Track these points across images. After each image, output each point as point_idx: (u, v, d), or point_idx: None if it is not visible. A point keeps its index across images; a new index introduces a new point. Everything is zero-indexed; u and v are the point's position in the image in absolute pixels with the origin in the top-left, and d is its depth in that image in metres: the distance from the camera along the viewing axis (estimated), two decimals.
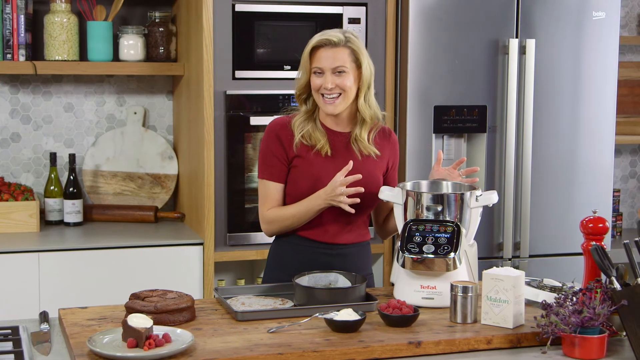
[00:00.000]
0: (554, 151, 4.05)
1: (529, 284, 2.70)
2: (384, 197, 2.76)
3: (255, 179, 3.77)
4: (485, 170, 3.98)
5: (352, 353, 2.24)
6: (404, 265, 2.62)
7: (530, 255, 4.06)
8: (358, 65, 2.79)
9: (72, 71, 3.96)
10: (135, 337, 2.18)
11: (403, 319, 2.41)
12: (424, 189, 2.83)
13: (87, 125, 4.26)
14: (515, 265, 4.03)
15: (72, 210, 4.03)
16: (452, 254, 2.57)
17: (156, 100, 4.34)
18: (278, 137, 2.85)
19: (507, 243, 4.01)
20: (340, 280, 2.68)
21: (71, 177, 4.06)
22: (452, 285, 2.47)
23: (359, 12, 3.88)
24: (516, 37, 3.95)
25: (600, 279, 2.44)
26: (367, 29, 3.89)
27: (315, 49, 2.79)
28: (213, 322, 2.45)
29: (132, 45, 4.06)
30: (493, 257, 4.01)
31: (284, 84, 3.77)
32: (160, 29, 4.13)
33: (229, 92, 3.76)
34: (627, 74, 4.83)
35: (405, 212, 2.70)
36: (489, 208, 3.79)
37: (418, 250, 2.60)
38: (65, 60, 3.95)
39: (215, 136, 3.76)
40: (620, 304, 2.27)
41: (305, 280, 2.65)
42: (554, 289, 2.67)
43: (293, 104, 2.98)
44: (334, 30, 2.81)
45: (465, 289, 2.45)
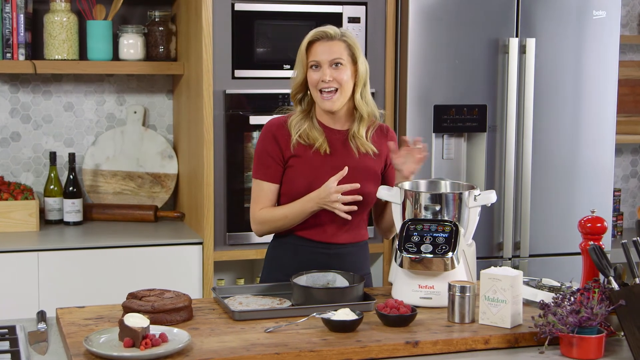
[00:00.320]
0: (554, 150, 4.05)
1: (528, 284, 2.70)
2: (382, 197, 2.75)
3: None
4: (485, 170, 3.97)
5: (349, 353, 2.23)
6: (402, 264, 2.61)
7: (531, 255, 4.05)
8: (354, 61, 2.81)
9: (72, 70, 3.96)
10: (131, 337, 2.18)
11: (400, 318, 2.40)
12: (422, 188, 2.82)
13: (87, 124, 4.26)
14: (515, 265, 4.02)
15: (72, 209, 4.03)
16: (450, 254, 2.57)
17: (156, 100, 4.34)
18: (274, 137, 2.84)
19: (507, 243, 4.01)
20: (338, 280, 2.67)
21: (71, 177, 4.05)
22: (450, 285, 2.47)
23: (359, 11, 3.87)
24: (516, 37, 3.95)
25: (598, 278, 2.43)
26: (367, 28, 3.88)
27: (311, 43, 2.80)
28: (210, 322, 2.44)
29: (132, 45, 4.06)
30: (493, 257, 4.00)
31: (283, 83, 3.77)
32: (160, 28, 4.12)
33: (229, 92, 3.76)
34: (628, 73, 4.82)
35: (404, 212, 2.70)
36: (489, 207, 3.78)
37: (416, 249, 2.59)
38: (65, 60, 3.95)
39: (214, 135, 3.76)
40: (618, 304, 2.26)
41: (303, 280, 2.64)
42: (552, 289, 2.66)
43: (291, 104, 2.98)
44: (328, 26, 2.83)
45: (463, 289, 2.45)
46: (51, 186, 4.06)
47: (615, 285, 2.32)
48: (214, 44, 3.72)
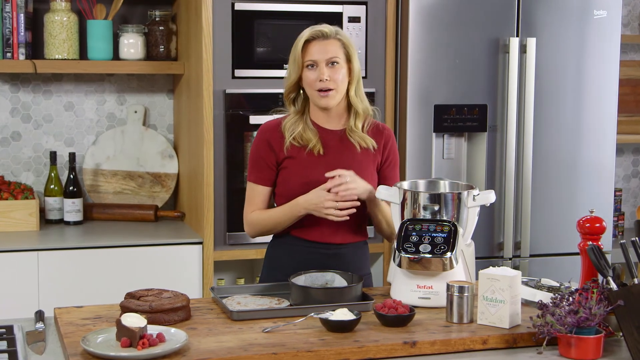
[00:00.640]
0: (555, 150, 4.04)
1: (527, 284, 2.69)
2: (381, 197, 2.75)
3: None
4: (485, 170, 3.97)
5: (347, 353, 2.23)
6: (400, 264, 2.61)
7: (531, 255, 4.04)
8: (348, 59, 2.81)
9: (72, 70, 3.96)
10: (129, 337, 2.17)
11: (398, 318, 2.40)
12: (421, 188, 2.82)
13: (88, 124, 4.26)
14: (516, 265, 4.01)
15: (72, 209, 4.03)
16: (449, 254, 2.56)
17: (156, 99, 4.34)
18: (267, 142, 2.86)
19: (508, 243, 4.00)
20: (337, 280, 2.67)
21: (71, 176, 4.05)
22: (449, 285, 2.47)
23: (359, 11, 3.86)
24: (517, 36, 3.94)
25: (597, 279, 2.42)
26: (367, 28, 3.88)
27: (307, 42, 2.81)
28: (208, 322, 2.44)
29: (132, 44, 4.06)
30: (493, 257, 4.00)
31: (283, 83, 3.76)
32: (161, 28, 4.12)
33: (229, 91, 3.75)
34: (629, 72, 4.81)
35: (403, 212, 2.69)
36: (489, 207, 3.77)
37: (415, 249, 2.59)
38: (65, 59, 3.94)
39: (214, 135, 3.75)
40: (616, 304, 2.25)
41: (301, 280, 2.64)
42: (551, 289, 2.66)
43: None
44: (323, 25, 2.84)
45: (461, 289, 2.44)
46: (51, 186, 4.06)
47: (613, 286, 2.31)
48: (214, 43, 3.72)
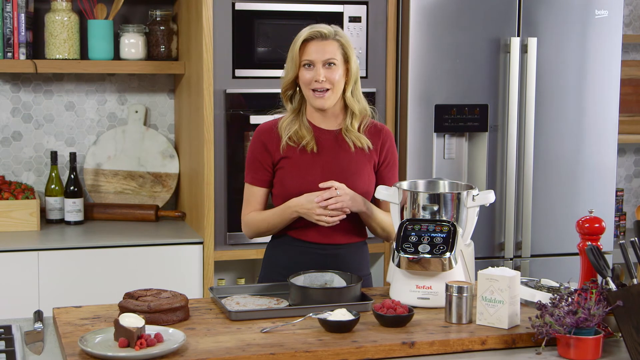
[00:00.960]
0: (556, 150, 4.03)
1: (526, 284, 2.68)
2: (380, 197, 2.74)
3: None
4: (486, 170, 3.96)
5: (345, 353, 2.23)
6: (399, 265, 2.61)
7: (532, 255, 4.03)
8: (346, 60, 2.81)
9: (73, 70, 3.96)
10: (126, 337, 2.17)
11: (397, 319, 2.39)
12: (420, 188, 2.81)
13: (88, 123, 4.26)
14: (517, 265, 4.01)
15: (73, 208, 4.03)
16: (448, 254, 2.56)
17: (157, 99, 4.34)
18: (263, 143, 2.86)
19: (509, 243, 3.99)
20: (336, 280, 2.67)
21: (72, 176, 4.05)
22: (447, 285, 2.46)
23: (360, 11, 3.86)
24: (518, 36, 3.93)
25: (596, 279, 2.42)
26: (368, 28, 3.87)
27: (305, 42, 2.80)
28: (207, 322, 2.44)
29: (133, 44, 4.06)
30: (494, 257, 3.99)
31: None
32: (161, 28, 4.12)
33: (229, 91, 3.75)
34: (631, 72, 4.80)
35: (402, 212, 2.69)
36: (490, 207, 3.77)
37: (414, 250, 2.58)
38: (66, 59, 3.94)
39: (215, 135, 3.75)
40: (615, 304, 2.25)
41: (300, 280, 2.64)
42: (551, 290, 2.65)
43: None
44: (322, 25, 2.83)
45: (460, 289, 2.44)
46: (52, 185, 4.06)
47: (613, 286, 2.30)
48: (214, 43, 3.72)
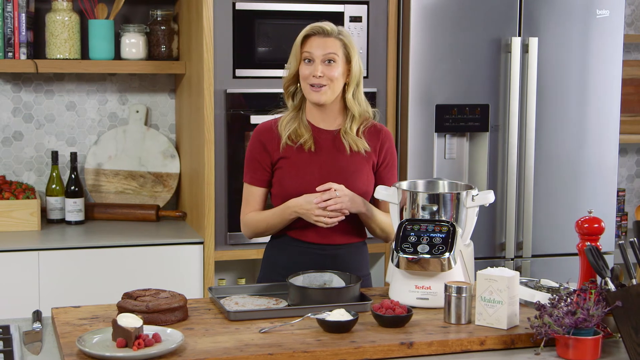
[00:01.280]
0: (557, 150, 4.02)
1: (526, 285, 2.68)
2: (380, 197, 2.74)
3: None
4: (487, 170, 3.95)
5: (343, 354, 2.22)
6: (398, 265, 2.60)
7: (533, 255, 4.03)
8: (348, 60, 2.81)
9: (74, 69, 3.96)
10: (124, 337, 2.17)
11: (396, 319, 2.39)
12: (420, 188, 2.81)
13: (89, 123, 4.26)
14: (518, 266, 4.00)
15: (74, 208, 4.03)
16: (447, 254, 2.55)
17: (158, 99, 4.33)
18: (262, 143, 2.86)
19: (510, 243, 3.99)
20: (335, 280, 2.66)
21: (73, 176, 4.05)
22: (446, 286, 2.46)
23: (361, 10, 3.86)
24: (519, 36, 3.92)
25: (595, 279, 2.41)
26: (369, 28, 3.87)
27: (307, 37, 2.81)
28: (205, 322, 2.43)
29: (134, 44, 4.06)
30: (495, 257, 3.98)
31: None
32: (162, 28, 4.12)
33: (230, 91, 3.75)
34: (632, 72, 4.79)
35: (401, 212, 2.68)
36: (491, 208, 3.76)
37: (413, 250, 2.58)
38: (66, 59, 3.94)
39: (215, 135, 3.75)
40: (614, 305, 2.24)
41: (299, 280, 2.63)
42: (551, 290, 2.64)
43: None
44: (326, 22, 2.84)
45: (459, 290, 2.43)
46: (53, 185, 4.06)
47: (612, 287, 2.30)
48: (214, 43, 3.71)
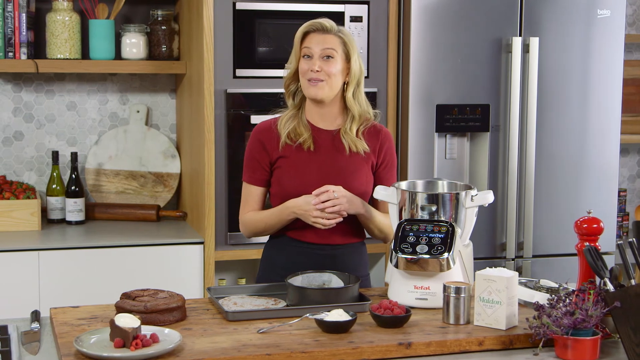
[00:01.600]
0: (558, 150, 4.02)
1: (526, 285, 2.67)
2: (379, 197, 2.74)
3: None
4: (488, 170, 3.95)
5: (341, 354, 2.22)
6: (397, 265, 2.60)
7: (534, 256, 4.02)
8: (347, 58, 2.81)
9: (74, 69, 3.96)
10: (122, 337, 2.17)
11: (394, 319, 2.39)
12: (419, 188, 2.81)
13: (90, 123, 4.26)
14: (519, 266, 4.00)
15: (74, 208, 4.03)
16: (446, 254, 2.55)
17: (159, 99, 4.33)
18: (261, 142, 2.86)
19: (510, 243, 3.98)
20: (334, 281, 2.66)
21: (73, 176, 4.05)
22: (445, 286, 2.45)
23: (361, 10, 3.85)
24: (520, 36, 3.92)
25: (594, 280, 2.41)
26: (369, 27, 3.87)
27: (306, 34, 2.82)
28: (203, 322, 2.43)
29: (135, 44, 4.06)
30: (496, 257, 3.98)
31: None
32: (163, 27, 4.12)
33: (230, 91, 3.75)
34: (634, 72, 4.78)
35: (400, 212, 2.68)
36: (492, 208, 3.76)
37: (412, 250, 2.57)
38: (67, 59, 3.94)
39: (215, 135, 3.75)
40: (613, 305, 2.24)
41: (298, 280, 2.63)
42: (550, 290, 2.64)
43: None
44: (326, 19, 2.85)
45: (458, 290, 2.43)
46: (53, 185, 4.06)
47: (611, 287, 2.29)
48: (215, 43, 3.71)
